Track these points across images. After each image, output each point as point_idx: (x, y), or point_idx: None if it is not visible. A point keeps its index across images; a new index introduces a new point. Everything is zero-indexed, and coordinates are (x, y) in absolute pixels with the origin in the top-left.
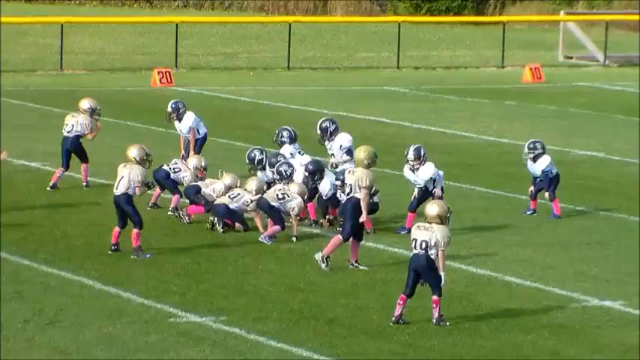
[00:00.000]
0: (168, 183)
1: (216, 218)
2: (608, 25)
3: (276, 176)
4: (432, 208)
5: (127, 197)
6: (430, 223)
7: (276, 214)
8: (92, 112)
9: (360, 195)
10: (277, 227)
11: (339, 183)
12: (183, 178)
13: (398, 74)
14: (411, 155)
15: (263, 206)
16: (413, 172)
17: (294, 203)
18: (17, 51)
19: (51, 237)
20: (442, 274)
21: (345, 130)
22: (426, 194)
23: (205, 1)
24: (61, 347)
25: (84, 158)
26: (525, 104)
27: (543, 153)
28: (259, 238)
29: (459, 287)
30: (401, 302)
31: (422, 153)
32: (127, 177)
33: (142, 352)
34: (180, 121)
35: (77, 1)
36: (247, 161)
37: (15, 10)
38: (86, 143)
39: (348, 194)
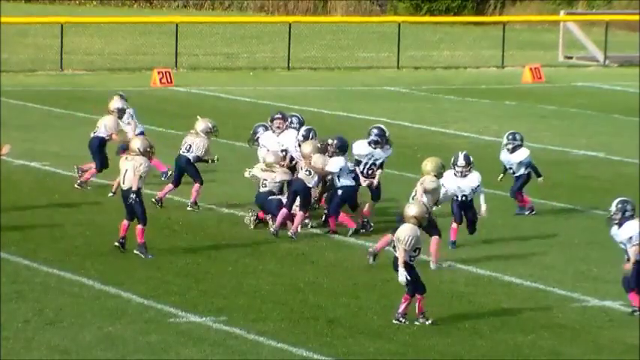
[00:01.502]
0: (190, 169)
1: (250, 212)
2: (608, 25)
3: (300, 138)
4: (409, 208)
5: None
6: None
7: (308, 197)
8: (120, 113)
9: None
10: (301, 214)
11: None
12: (199, 147)
13: (398, 74)
14: (462, 161)
15: (298, 187)
16: (459, 177)
17: (317, 179)
18: (17, 51)
19: (51, 237)
20: (401, 269)
21: (345, 130)
22: (465, 203)
23: (205, 1)
24: (61, 347)
25: (96, 161)
26: (525, 104)
27: (521, 145)
28: (290, 234)
29: (458, 287)
30: (404, 300)
31: (471, 159)
32: (132, 169)
33: (142, 352)
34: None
35: (77, 1)
36: (251, 132)
37: (15, 10)
38: (106, 146)
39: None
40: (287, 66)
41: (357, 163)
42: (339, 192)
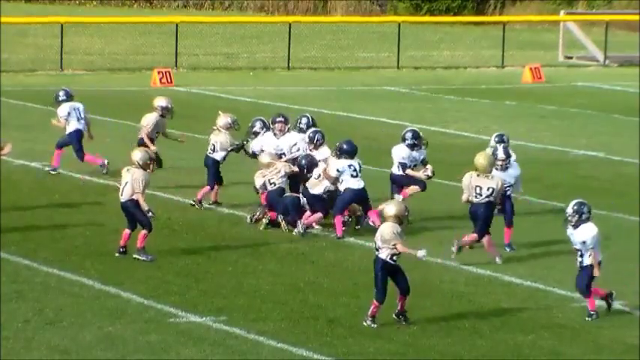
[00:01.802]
0: (210, 172)
1: (252, 213)
2: (608, 25)
3: (307, 140)
4: (389, 208)
5: (134, 202)
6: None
7: (322, 201)
8: (163, 111)
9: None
10: (320, 215)
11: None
12: (226, 143)
13: (398, 74)
14: (502, 154)
15: (306, 194)
16: (500, 171)
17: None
18: (17, 51)
19: (51, 237)
20: (419, 252)
21: (345, 130)
22: (504, 196)
23: (205, 1)
24: (61, 347)
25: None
26: (525, 104)
27: (507, 146)
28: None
29: (459, 287)
30: (398, 300)
31: (510, 151)
32: (130, 183)
33: (142, 352)
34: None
35: (77, 1)
36: (249, 125)
37: (15, 10)
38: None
39: (486, 197)
40: (287, 66)
41: (404, 166)
42: (342, 194)
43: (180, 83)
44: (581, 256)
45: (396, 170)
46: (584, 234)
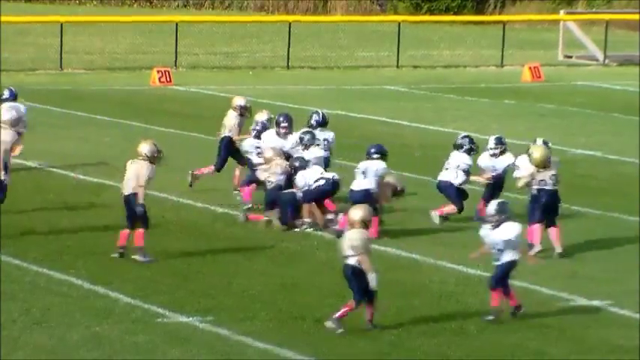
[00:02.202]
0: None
1: (275, 214)
2: (608, 24)
3: (297, 140)
4: (354, 213)
5: (137, 196)
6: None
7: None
8: (242, 110)
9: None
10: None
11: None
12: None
13: (397, 73)
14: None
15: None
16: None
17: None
18: (17, 51)
19: (44, 236)
20: (371, 275)
21: (345, 130)
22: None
23: (205, 0)
24: (48, 347)
25: (218, 159)
26: (525, 103)
27: (506, 149)
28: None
29: (448, 287)
30: (346, 306)
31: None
32: (135, 175)
33: (129, 352)
34: None
35: (77, 1)
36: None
37: (15, 10)
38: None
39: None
40: (287, 65)
41: (467, 172)
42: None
43: (179, 82)
44: (501, 253)
45: (453, 179)
46: (508, 232)
